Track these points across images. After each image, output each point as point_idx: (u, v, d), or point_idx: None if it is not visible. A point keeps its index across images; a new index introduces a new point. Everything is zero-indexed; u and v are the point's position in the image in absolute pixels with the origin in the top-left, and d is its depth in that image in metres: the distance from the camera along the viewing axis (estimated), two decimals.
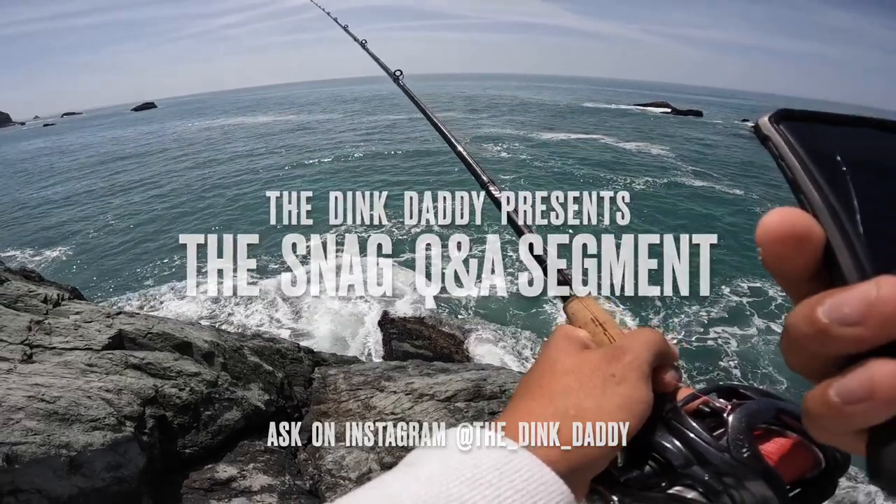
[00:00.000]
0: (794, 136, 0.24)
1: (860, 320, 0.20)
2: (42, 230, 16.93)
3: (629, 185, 20.23)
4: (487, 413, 4.02)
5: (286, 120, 48.53)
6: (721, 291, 11.22)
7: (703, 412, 0.41)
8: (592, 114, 49.95)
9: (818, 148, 0.24)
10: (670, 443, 0.39)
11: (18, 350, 3.14)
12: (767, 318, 10.24)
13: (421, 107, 1.27)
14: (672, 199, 18.66)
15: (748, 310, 10.66)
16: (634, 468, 0.40)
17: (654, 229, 15.08)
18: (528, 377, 0.46)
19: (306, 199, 0.97)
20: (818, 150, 0.23)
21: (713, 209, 17.49)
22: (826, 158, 0.23)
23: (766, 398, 0.40)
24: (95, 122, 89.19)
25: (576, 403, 0.40)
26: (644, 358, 0.42)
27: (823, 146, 0.24)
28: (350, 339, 9.14)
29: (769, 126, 0.24)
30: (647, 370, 0.42)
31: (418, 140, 27.93)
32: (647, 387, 0.41)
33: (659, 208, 17.30)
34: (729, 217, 16.55)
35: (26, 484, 2.37)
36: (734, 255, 12.98)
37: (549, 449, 0.37)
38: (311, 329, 9.52)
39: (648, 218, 16.27)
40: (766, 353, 9.17)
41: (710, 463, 0.36)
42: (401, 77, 1.58)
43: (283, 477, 3.25)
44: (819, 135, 0.24)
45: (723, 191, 19.81)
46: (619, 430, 0.38)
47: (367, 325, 9.43)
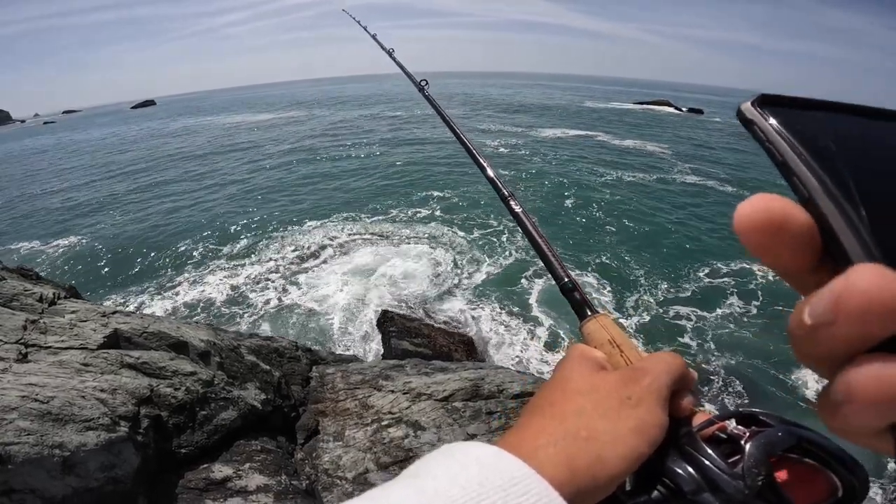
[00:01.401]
0: (778, 118, 0.24)
1: (833, 317, 0.19)
2: (41, 229, 16.92)
3: (626, 181, 20.25)
4: (485, 413, 4.01)
5: (288, 117, 48.53)
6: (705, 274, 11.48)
7: (720, 438, 0.39)
8: (592, 112, 49.99)
9: (803, 130, 0.23)
10: (682, 468, 0.37)
11: (14, 349, 3.12)
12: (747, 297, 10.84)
13: (444, 117, 1.27)
14: (669, 194, 18.70)
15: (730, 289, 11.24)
16: (643, 493, 0.38)
17: (651, 222, 15.15)
18: (540, 395, 0.45)
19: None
20: (803, 132, 0.23)
21: (710, 204, 17.53)
22: (812, 139, 0.23)
23: (787, 425, 0.38)
24: (95, 119, 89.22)
25: (588, 425, 0.39)
26: (663, 381, 0.41)
27: (807, 128, 0.23)
28: (349, 337, 9.14)
29: (752, 110, 0.24)
30: (665, 394, 0.41)
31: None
32: (664, 411, 0.40)
33: (654, 204, 17.37)
34: (726, 210, 16.66)
35: (20, 484, 2.36)
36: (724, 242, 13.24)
37: (558, 470, 0.35)
38: (309, 327, 9.51)
39: (644, 212, 16.34)
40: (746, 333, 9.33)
41: (722, 490, 0.35)
42: (426, 87, 1.55)
43: (280, 477, 3.24)
44: (802, 118, 0.24)
45: (717, 187, 19.86)
46: (632, 455, 0.37)
47: (366, 323, 9.43)
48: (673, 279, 11.62)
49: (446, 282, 11.16)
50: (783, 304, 10.22)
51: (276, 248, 13.15)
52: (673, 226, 15.08)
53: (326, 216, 15.57)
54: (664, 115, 49.97)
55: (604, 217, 15.72)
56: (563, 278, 0.61)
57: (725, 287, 11.31)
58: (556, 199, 17.54)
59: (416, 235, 13.79)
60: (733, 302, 10.67)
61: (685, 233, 14.55)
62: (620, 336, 0.51)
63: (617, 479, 0.37)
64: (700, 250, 13.25)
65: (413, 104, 50.42)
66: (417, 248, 12.83)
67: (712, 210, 16.84)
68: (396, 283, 11.07)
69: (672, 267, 12.28)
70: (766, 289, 10.97)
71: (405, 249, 12.80)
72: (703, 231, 14.77)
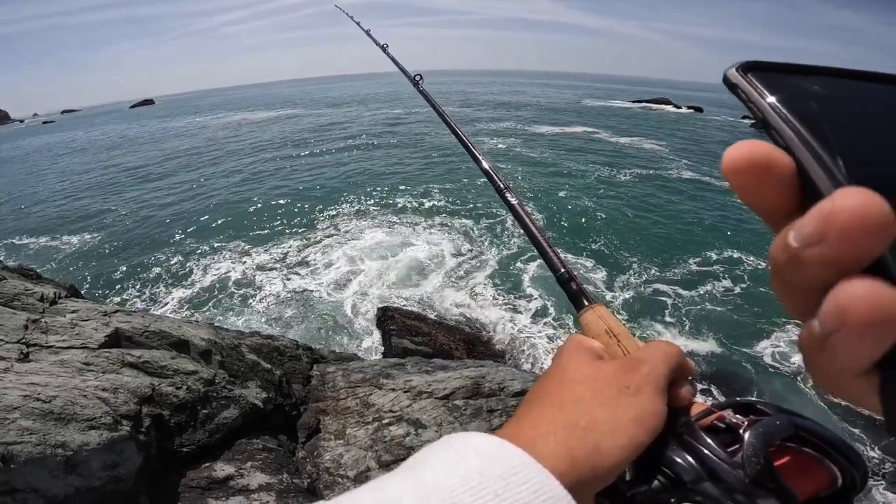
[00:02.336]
0: (761, 81, 0.25)
1: (821, 236, 0.19)
2: (41, 228, 16.92)
3: (621, 177, 20.28)
4: (486, 411, 4.02)
5: (286, 114, 48.54)
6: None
7: (719, 428, 0.40)
8: (591, 110, 49.97)
9: (781, 88, 0.25)
10: (681, 457, 0.37)
11: (15, 349, 3.12)
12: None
13: (439, 111, 1.27)
14: (666, 190, 18.76)
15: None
16: (642, 483, 0.38)
17: (649, 216, 15.19)
18: (538, 385, 0.45)
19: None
20: (781, 90, 0.25)
21: (705, 199, 17.59)
22: (793, 96, 0.25)
23: (785, 414, 0.39)
24: (95, 118, 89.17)
25: (587, 414, 0.39)
26: (661, 371, 0.41)
27: (785, 87, 0.25)
28: (349, 335, 9.14)
29: (736, 75, 0.26)
30: (663, 383, 0.41)
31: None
32: (663, 400, 0.40)
33: (652, 199, 17.43)
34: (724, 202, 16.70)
35: (22, 483, 2.36)
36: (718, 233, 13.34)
37: (558, 460, 0.35)
38: (309, 325, 9.52)
39: (641, 207, 16.41)
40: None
41: (721, 479, 0.35)
42: (421, 82, 1.56)
43: (281, 475, 3.24)
44: (781, 79, 0.26)
45: (714, 182, 19.92)
46: (631, 444, 0.37)
47: (366, 321, 9.43)
48: (666, 266, 11.77)
49: (446, 277, 11.17)
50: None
51: (277, 244, 13.15)
52: (669, 219, 15.14)
53: (326, 210, 15.64)
54: (663, 113, 49.92)
55: (598, 209, 15.74)
56: (559, 269, 0.61)
57: (717, 273, 11.50)
58: (550, 192, 17.63)
59: (415, 230, 13.79)
60: (722, 286, 10.83)
61: (677, 226, 14.63)
62: (617, 326, 0.51)
63: (616, 468, 0.37)
64: (694, 242, 13.33)
65: (409, 100, 50.45)
66: (417, 243, 12.84)
67: (710, 203, 16.92)
68: (397, 278, 11.07)
69: (664, 256, 12.42)
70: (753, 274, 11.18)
71: (406, 244, 12.81)
72: (698, 223, 14.90)
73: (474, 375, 4.44)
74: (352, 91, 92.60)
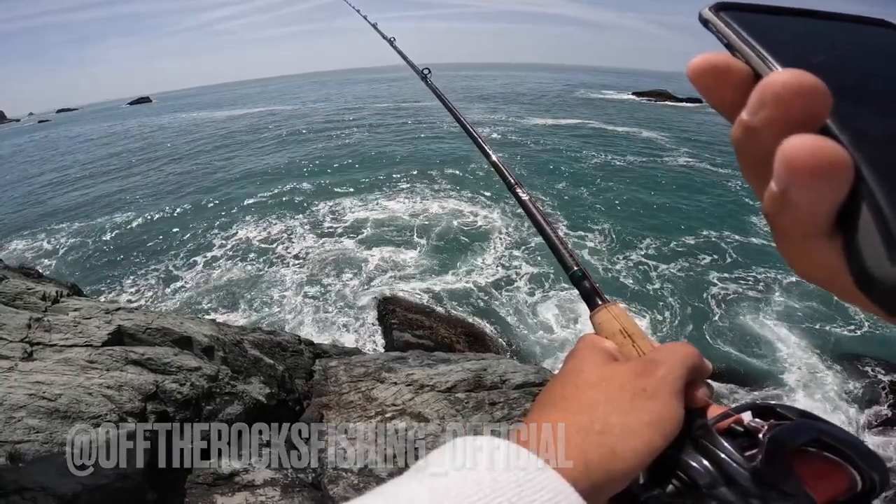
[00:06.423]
0: (731, 17, 0.28)
1: (762, 104, 0.22)
2: (41, 228, 16.89)
3: (618, 164, 20.28)
4: (488, 403, 4.04)
5: (285, 110, 48.34)
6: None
7: (737, 432, 0.38)
8: (589, 101, 49.76)
9: (746, 21, 0.28)
10: (697, 461, 0.36)
11: (19, 348, 3.14)
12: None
13: (448, 105, 1.26)
14: (665, 176, 18.79)
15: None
16: (656, 487, 0.37)
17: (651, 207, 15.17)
18: (550, 387, 0.44)
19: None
20: (746, 22, 0.28)
21: (703, 188, 17.61)
22: (755, 25, 0.28)
23: (806, 419, 0.38)
24: (91, 116, 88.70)
25: (602, 418, 0.38)
26: (678, 373, 0.40)
27: (750, 20, 0.28)
28: (350, 330, 9.16)
29: (709, 13, 0.29)
30: (679, 386, 0.40)
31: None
32: (679, 403, 0.39)
33: (651, 183, 17.48)
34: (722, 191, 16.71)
35: (30, 482, 2.38)
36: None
37: (572, 465, 0.35)
38: (310, 321, 9.54)
39: (641, 194, 16.44)
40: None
41: (738, 484, 0.34)
42: (429, 76, 1.54)
43: (286, 470, 3.27)
44: (749, 16, 0.29)
45: (712, 170, 19.95)
46: (646, 448, 0.36)
47: (367, 315, 9.45)
48: (675, 257, 11.78)
49: (446, 273, 11.17)
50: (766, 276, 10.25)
51: (277, 243, 13.15)
52: (672, 209, 15.17)
53: (327, 202, 15.66)
54: (662, 104, 49.69)
55: (596, 197, 15.85)
56: (572, 267, 0.59)
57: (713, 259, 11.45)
58: (550, 180, 17.75)
59: (420, 220, 13.79)
60: (731, 283, 10.76)
61: (681, 215, 14.66)
62: (632, 326, 0.50)
63: (631, 473, 0.36)
64: (703, 232, 13.33)
65: (412, 95, 50.21)
66: (418, 237, 12.84)
67: (709, 190, 16.97)
68: (398, 273, 11.08)
69: (664, 239, 12.53)
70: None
71: (407, 236, 12.81)
72: (696, 208, 14.98)
73: (476, 368, 4.46)
74: (352, 86, 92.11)
